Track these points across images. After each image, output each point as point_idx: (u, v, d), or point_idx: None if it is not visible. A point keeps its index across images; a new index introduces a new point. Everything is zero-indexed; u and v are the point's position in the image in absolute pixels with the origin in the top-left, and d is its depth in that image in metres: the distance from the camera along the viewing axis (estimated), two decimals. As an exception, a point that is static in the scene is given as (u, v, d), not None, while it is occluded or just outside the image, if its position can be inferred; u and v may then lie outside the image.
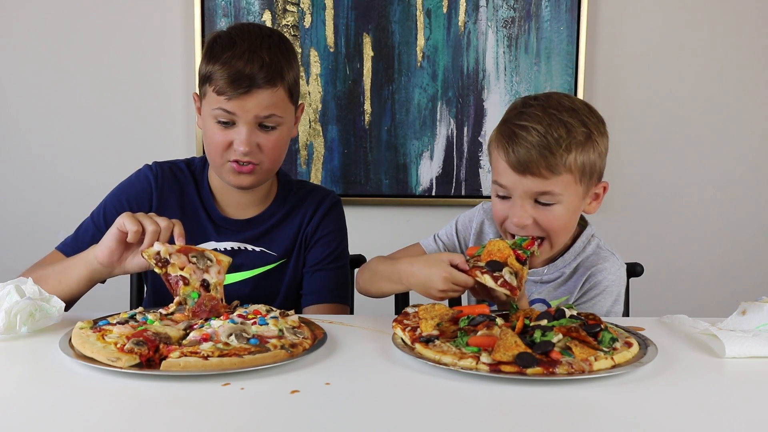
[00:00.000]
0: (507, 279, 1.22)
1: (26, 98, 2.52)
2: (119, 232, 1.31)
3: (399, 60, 2.51)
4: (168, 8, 2.49)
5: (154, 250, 1.27)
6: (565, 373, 0.99)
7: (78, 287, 1.38)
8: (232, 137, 1.47)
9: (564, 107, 1.39)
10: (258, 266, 1.60)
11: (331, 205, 1.68)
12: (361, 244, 1.83)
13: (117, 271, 1.37)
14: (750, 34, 2.59)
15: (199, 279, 1.26)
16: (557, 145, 1.34)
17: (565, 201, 1.39)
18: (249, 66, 1.45)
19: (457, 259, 1.28)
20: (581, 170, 1.38)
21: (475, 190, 2.57)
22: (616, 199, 2.54)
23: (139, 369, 1.00)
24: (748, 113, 2.63)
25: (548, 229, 1.41)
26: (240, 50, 1.46)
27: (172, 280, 1.25)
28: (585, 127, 1.38)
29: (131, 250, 1.34)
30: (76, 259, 1.39)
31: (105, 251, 1.33)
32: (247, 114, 1.46)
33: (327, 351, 1.14)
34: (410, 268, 1.35)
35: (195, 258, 1.27)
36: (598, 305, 1.47)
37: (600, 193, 1.48)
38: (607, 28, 2.55)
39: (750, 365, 1.11)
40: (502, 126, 1.44)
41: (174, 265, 1.25)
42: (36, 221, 2.51)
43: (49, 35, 2.50)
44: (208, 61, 1.48)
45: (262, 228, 1.61)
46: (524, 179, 1.37)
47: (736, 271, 2.68)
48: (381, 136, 2.54)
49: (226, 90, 1.44)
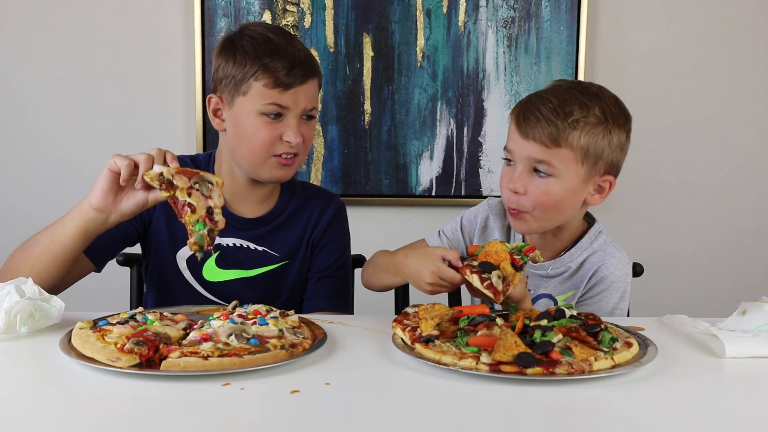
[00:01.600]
0: (493, 282, 1.21)
1: (27, 98, 2.52)
2: (111, 173, 1.28)
3: (399, 60, 2.51)
4: (168, 8, 2.49)
5: (156, 172, 1.25)
6: (565, 373, 0.99)
7: (73, 242, 1.33)
8: (281, 131, 1.47)
9: (589, 92, 1.42)
10: (260, 266, 1.59)
11: (338, 210, 1.67)
12: (361, 244, 1.83)
13: (113, 217, 1.32)
14: (750, 34, 2.59)
15: (204, 206, 1.24)
16: (565, 119, 1.37)
17: (562, 177, 1.40)
18: (298, 56, 1.46)
19: (450, 255, 1.29)
20: (584, 151, 1.39)
21: (475, 190, 2.57)
22: (616, 199, 2.54)
23: (139, 369, 1.00)
24: (749, 113, 2.63)
25: (537, 202, 1.41)
26: (281, 44, 1.46)
27: (179, 204, 1.23)
28: (602, 114, 1.40)
29: (125, 192, 1.31)
30: (67, 214, 1.35)
31: (99, 194, 1.29)
32: (298, 105, 1.47)
33: (327, 351, 1.14)
34: (405, 260, 1.38)
35: (197, 184, 1.25)
36: (605, 300, 1.47)
37: (605, 188, 1.47)
38: (607, 28, 2.55)
39: (750, 365, 1.11)
40: (528, 95, 1.47)
41: (182, 189, 1.23)
42: (36, 220, 2.49)
43: (49, 35, 2.50)
44: (241, 60, 1.45)
45: (267, 228, 1.60)
46: (527, 144, 1.40)
47: (736, 271, 2.68)
48: (381, 136, 2.54)
49: (285, 81, 1.43)
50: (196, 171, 1.28)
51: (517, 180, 1.42)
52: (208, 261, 1.57)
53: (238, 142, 1.50)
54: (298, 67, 1.45)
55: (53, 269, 1.33)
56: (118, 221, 1.34)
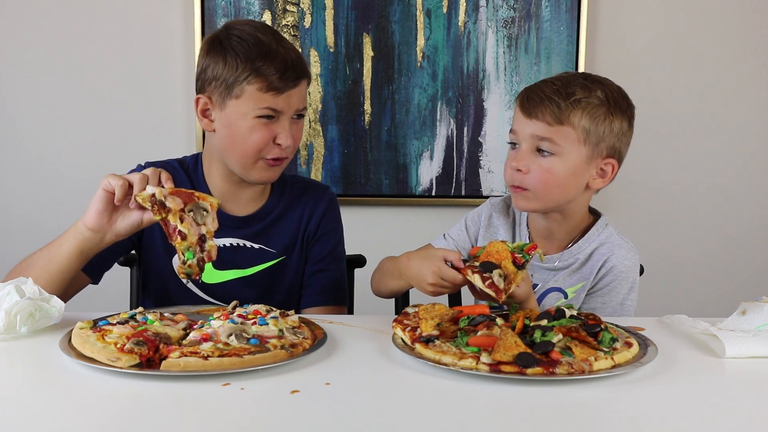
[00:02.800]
0: (495, 281, 1.21)
1: (26, 98, 2.52)
2: (105, 193, 1.28)
3: (399, 60, 2.51)
4: (168, 8, 2.49)
5: (148, 193, 1.24)
6: (565, 373, 0.99)
7: (69, 262, 1.33)
8: (275, 133, 1.46)
9: (595, 79, 1.48)
10: (257, 264, 1.59)
11: (330, 201, 1.67)
12: (361, 244, 1.83)
13: (108, 237, 1.32)
14: (750, 34, 2.59)
15: (196, 233, 1.24)
16: (567, 98, 1.41)
17: (565, 156, 1.43)
18: (289, 57, 1.45)
19: (451, 256, 1.29)
20: (586, 131, 1.42)
21: (475, 190, 2.57)
22: (617, 199, 2.54)
23: (139, 369, 1.00)
24: (749, 113, 2.63)
25: (540, 180, 1.43)
26: (271, 45, 1.44)
27: (170, 227, 1.23)
28: (604, 97, 1.44)
29: (119, 212, 1.31)
30: (63, 234, 1.35)
31: (93, 215, 1.29)
32: (291, 107, 1.47)
33: (327, 351, 1.14)
34: (407, 262, 1.39)
35: (191, 211, 1.24)
36: (615, 291, 1.49)
37: (608, 171, 1.48)
38: (607, 28, 2.55)
39: (750, 365, 1.11)
40: (535, 82, 1.51)
41: (174, 213, 1.22)
42: (36, 221, 2.51)
43: (49, 35, 2.49)
44: (232, 63, 1.43)
45: (261, 225, 1.60)
46: (530, 122, 1.43)
47: (736, 271, 2.68)
48: (381, 136, 2.54)
49: (278, 85, 1.43)
50: (191, 193, 1.27)
51: (520, 158, 1.45)
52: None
53: (230, 143, 1.49)
54: (290, 69, 1.44)
55: (51, 287, 1.32)
56: (114, 241, 1.34)
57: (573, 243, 1.53)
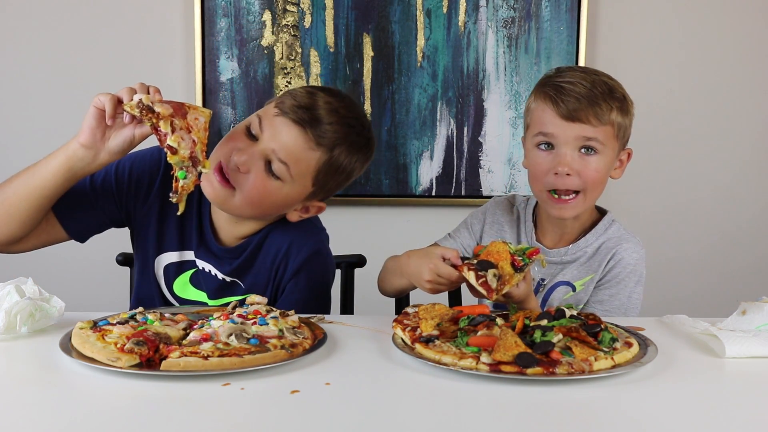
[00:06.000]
0: (488, 280, 1.21)
1: (25, 98, 2.52)
2: (97, 110, 1.28)
3: (399, 60, 2.51)
4: (168, 8, 2.49)
5: (136, 100, 1.24)
6: (565, 373, 0.99)
7: (54, 180, 1.31)
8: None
9: (601, 73, 1.51)
10: (224, 296, 1.50)
11: (312, 254, 1.49)
12: (361, 244, 1.83)
13: (101, 156, 1.30)
14: (750, 34, 2.59)
15: (188, 147, 1.23)
16: (603, 97, 1.44)
17: (605, 154, 1.48)
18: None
19: (449, 254, 1.29)
20: (618, 128, 1.48)
21: (475, 190, 2.57)
22: (616, 199, 2.54)
23: (139, 369, 1.00)
24: (749, 113, 2.63)
25: (587, 181, 1.47)
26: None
27: (161, 134, 1.22)
28: (621, 93, 1.49)
29: (112, 129, 1.31)
30: (52, 153, 1.32)
31: (87, 131, 1.29)
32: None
33: (327, 351, 1.14)
34: (407, 260, 1.40)
35: (182, 129, 1.24)
36: (623, 284, 1.51)
37: (624, 160, 1.55)
38: (607, 28, 2.55)
39: (750, 365, 1.11)
40: (544, 86, 1.51)
41: (165, 120, 1.22)
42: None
43: (49, 35, 2.50)
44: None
45: (240, 260, 1.49)
46: (573, 126, 1.44)
47: (736, 271, 2.68)
48: (381, 136, 2.54)
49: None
50: (182, 103, 1.27)
51: (567, 162, 1.46)
52: (184, 274, 1.51)
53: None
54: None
55: (25, 209, 1.30)
56: (108, 161, 1.32)
57: (581, 236, 1.56)
